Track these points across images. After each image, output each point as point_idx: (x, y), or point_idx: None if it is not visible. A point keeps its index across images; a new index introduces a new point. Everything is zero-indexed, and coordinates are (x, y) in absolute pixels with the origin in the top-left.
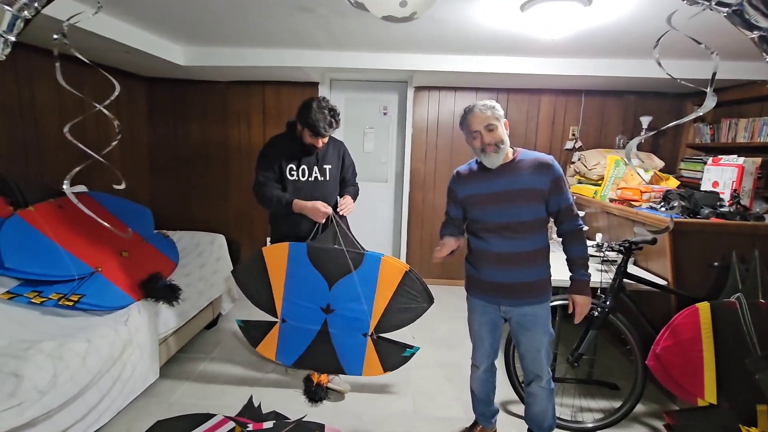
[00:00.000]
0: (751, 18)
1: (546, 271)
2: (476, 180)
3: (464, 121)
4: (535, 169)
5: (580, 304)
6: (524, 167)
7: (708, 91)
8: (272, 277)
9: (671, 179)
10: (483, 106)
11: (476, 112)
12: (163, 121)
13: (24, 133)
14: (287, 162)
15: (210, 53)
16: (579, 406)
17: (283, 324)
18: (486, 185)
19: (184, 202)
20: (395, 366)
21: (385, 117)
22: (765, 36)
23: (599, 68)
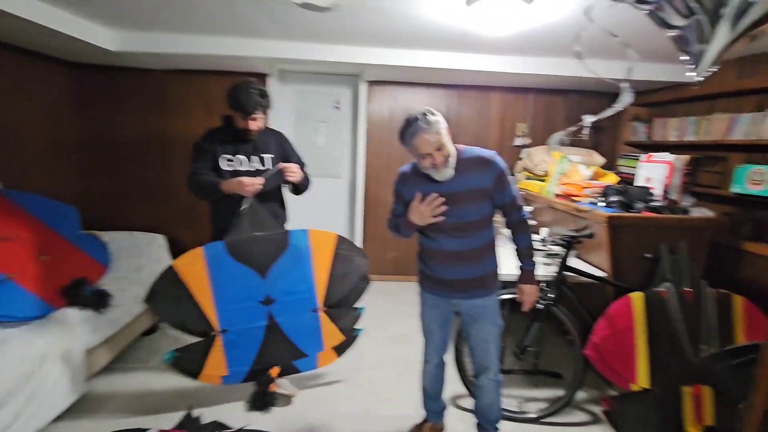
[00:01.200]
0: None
1: (493, 263)
2: (421, 182)
3: (409, 141)
4: (479, 168)
5: (528, 293)
6: (468, 167)
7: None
8: (195, 291)
9: (611, 175)
10: (428, 127)
11: (424, 137)
12: (94, 111)
13: None
14: (222, 151)
15: (144, 39)
16: (525, 396)
17: (226, 334)
18: (431, 188)
19: (121, 201)
20: (352, 326)
21: (337, 111)
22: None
23: (544, 67)
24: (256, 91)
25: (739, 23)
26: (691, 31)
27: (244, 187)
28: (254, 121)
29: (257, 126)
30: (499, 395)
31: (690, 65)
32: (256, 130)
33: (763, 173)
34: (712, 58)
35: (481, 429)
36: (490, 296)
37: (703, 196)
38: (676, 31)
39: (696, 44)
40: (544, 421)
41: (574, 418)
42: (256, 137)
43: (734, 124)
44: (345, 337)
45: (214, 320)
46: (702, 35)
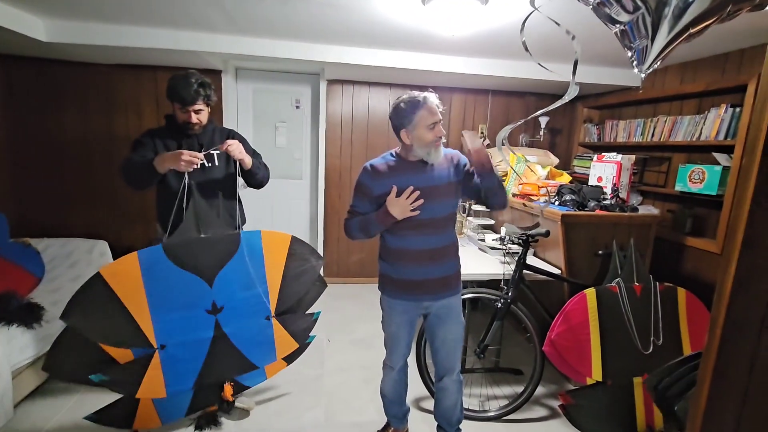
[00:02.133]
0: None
1: (458, 263)
2: (395, 175)
3: (415, 111)
4: (448, 162)
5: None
6: (441, 161)
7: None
8: (128, 302)
9: (565, 175)
10: (435, 96)
11: (432, 104)
12: (27, 108)
13: None
14: (166, 148)
15: (81, 29)
16: (486, 395)
17: (164, 351)
18: (405, 180)
19: (60, 205)
20: (307, 333)
21: (297, 111)
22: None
23: (501, 69)
24: (197, 82)
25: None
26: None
27: (179, 161)
28: (195, 113)
29: (198, 119)
30: (461, 396)
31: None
32: (198, 124)
33: (703, 172)
34: (655, 54)
35: (443, 431)
36: (455, 296)
37: (650, 194)
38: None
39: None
40: (506, 419)
41: (533, 414)
42: (200, 132)
43: (676, 126)
44: (299, 344)
45: (150, 333)
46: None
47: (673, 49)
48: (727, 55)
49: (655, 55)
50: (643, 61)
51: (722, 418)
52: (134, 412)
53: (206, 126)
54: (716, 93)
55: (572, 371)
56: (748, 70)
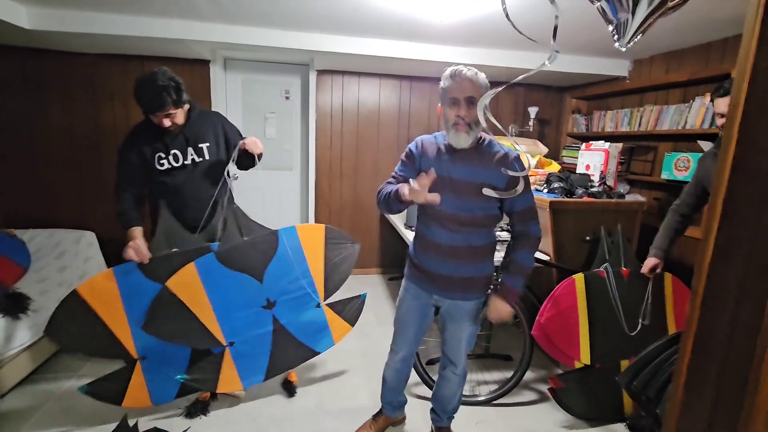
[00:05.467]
0: None
1: (486, 267)
2: (438, 158)
3: (445, 82)
4: (497, 164)
5: (501, 310)
6: (486, 158)
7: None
8: (194, 306)
9: (554, 164)
10: (472, 75)
11: (464, 78)
12: (10, 98)
13: None
14: (153, 151)
15: (66, 17)
16: (477, 380)
17: (233, 347)
18: (445, 167)
19: (47, 196)
20: (357, 315)
21: (287, 101)
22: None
23: (490, 58)
24: (162, 85)
25: None
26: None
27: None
28: (167, 118)
29: (172, 122)
30: (461, 388)
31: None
32: (172, 127)
33: (688, 160)
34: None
35: (435, 415)
36: (472, 302)
37: (637, 183)
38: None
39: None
40: (495, 403)
41: (523, 398)
42: (184, 125)
43: (662, 115)
44: (351, 327)
45: (218, 332)
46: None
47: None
48: (710, 44)
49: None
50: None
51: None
52: (125, 388)
53: (189, 116)
54: (701, 82)
55: (561, 355)
56: (731, 59)
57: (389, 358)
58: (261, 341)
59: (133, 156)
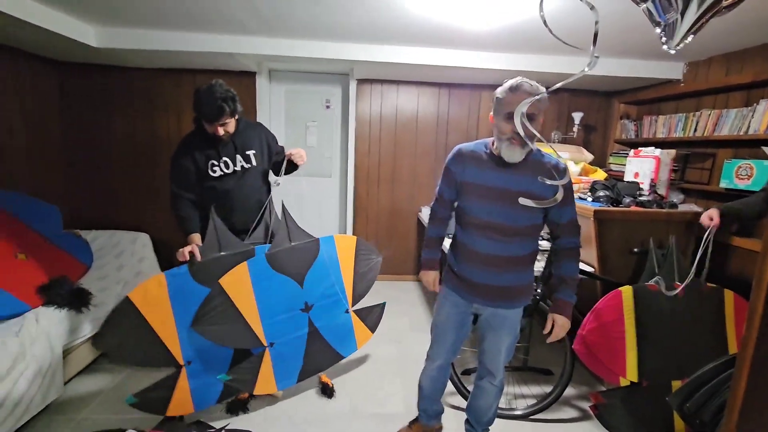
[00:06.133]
0: None
1: (527, 276)
2: (480, 167)
3: (503, 93)
4: (544, 175)
5: (560, 325)
6: (534, 169)
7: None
8: (241, 306)
9: (599, 171)
10: (533, 88)
11: (524, 93)
12: (80, 111)
13: None
14: (206, 159)
15: (128, 35)
16: (514, 393)
17: (273, 348)
18: (489, 176)
19: (108, 201)
20: (377, 323)
21: (327, 110)
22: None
23: (532, 63)
24: (221, 96)
25: None
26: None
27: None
28: (222, 126)
29: (225, 131)
30: (498, 400)
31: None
32: (224, 135)
33: (751, 168)
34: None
35: (470, 426)
36: (513, 309)
37: (692, 192)
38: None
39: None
40: (533, 418)
41: (563, 415)
42: (235, 136)
43: (721, 120)
44: (372, 333)
45: (261, 333)
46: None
47: (705, 23)
48: None
49: (686, 30)
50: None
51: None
52: (170, 397)
53: (237, 125)
54: (766, 84)
55: (604, 370)
56: None
57: (426, 366)
58: (297, 343)
59: (188, 164)
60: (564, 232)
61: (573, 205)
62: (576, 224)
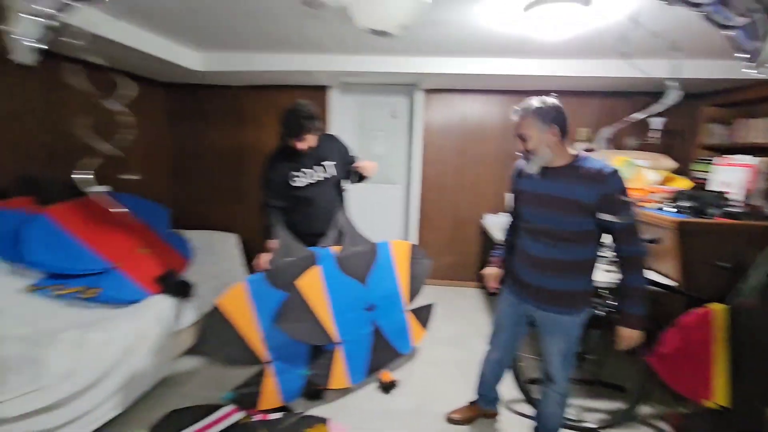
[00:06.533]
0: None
1: (579, 283)
2: (529, 176)
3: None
4: (588, 180)
5: (626, 337)
6: (577, 175)
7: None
8: (315, 305)
9: (683, 180)
10: (517, 111)
11: (513, 118)
12: (182, 125)
13: (49, 136)
14: (290, 171)
15: (225, 59)
16: (584, 406)
17: (343, 345)
18: (534, 184)
19: (203, 203)
20: (429, 321)
21: (395, 120)
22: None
23: (607, 69)
24: (304, 115)
25: None
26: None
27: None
28: (302, 142)
29: (305, 146)
30: (562, 409)
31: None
32: (306, 149)
33: None
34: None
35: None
36: (568, 315)
37: None
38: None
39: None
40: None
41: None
42: (315, 149)
43: None
44: (425, 331)
45: (333, 332)
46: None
47: None
48: None
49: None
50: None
51: None
52: (260, 392)
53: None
54: None
55: (687, 389)
56: None
57: (487, 353)
58: (363, 341)
59: (276, 176)
60: (619, 239)
61: (629, 211)
62: (633, 231)
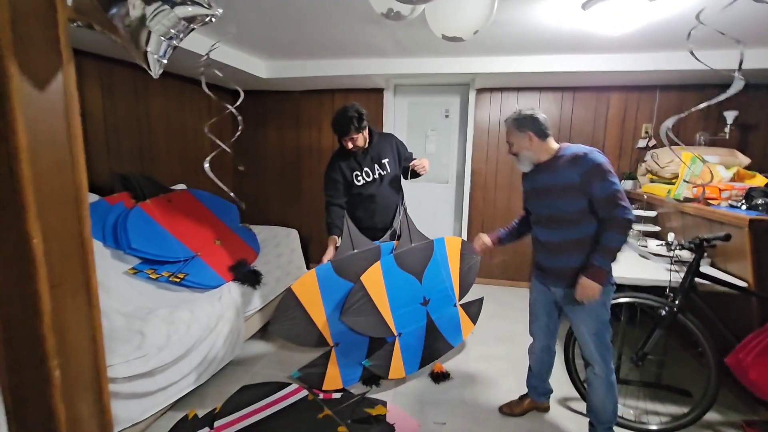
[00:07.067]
0: None
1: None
2: (529, 177)
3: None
4: (570, 164)
5: (586, 287)
6: (561, 163)
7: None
8: (378, 302)
9: (758, 177)
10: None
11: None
12: (246, 128)
13: (140, 139)
14: (351, 171)
15: (288, 66)
16: (645, 409)
17: (401, 338)
18: (532, 182)
19: (263, 201)
20: (478, 315)
21: (446, 119)
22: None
23: (673, 62)
24: (349, 115)
25: None
26: None
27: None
28: (351, 141)
29: (354, 145)
30: (612, 396)
31: None
32: (355, 148)
33: None
34: None
35: (592, 428)
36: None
37: None
38: None
39: None
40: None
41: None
42: (370, 146)
43: None
44: (474, 325)
45: (392, 325)
46: None
47: None
48: None
49: None
50: None
51: None
52: (324, 373)
53: (372, 138)
54: None
55: None
56: None
57: (530, 345)
58: (419, 333)
59: (338, 176)
60: (602, 206)
61: (605, 182)
62: (614, 198)
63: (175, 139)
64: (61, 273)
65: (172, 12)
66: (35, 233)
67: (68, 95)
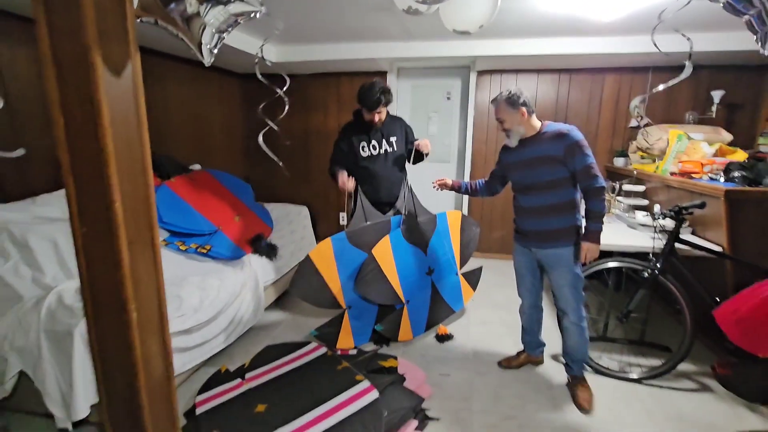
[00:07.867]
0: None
1: (568, 220)
2: (513, 151)
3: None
4: (553, 139)
5: (588, 249)
6: (545, 138)
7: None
8: (388, 273)
9: (739, 152)
10: (493, 101)
11: (492, 105)
12: (254, 111)
13: (157, 122)
14: (358, 141)
15: (296, 50)
16: (628, 362)
17: (409, 305)
18: (516, 154)
19: (272, 181)
20: (477, 283)
21: (448, 101)
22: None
23: (665, 44)
24: (379, 90)
25: None
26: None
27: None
28: (378, 114)
29: (379, 118)
30: (583, 338)
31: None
32: (379, 122)
33: None
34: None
35: (568, 368)
36: (564, 247)
37: None
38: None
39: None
40: (647, 383)
41: (679, 385)
42: (382, 125)
43: None
44: (474, 291)
45: (401, 293)
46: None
47: None
48: None
49: None
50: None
51: None
52: (338, 332)
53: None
54: None
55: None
56: None
57: (520, 305)
58: (424, 300)
59: (344, 145)
60: (581, 177)
61: (583, 156)
62: (589, 170)
63: (188, 122)
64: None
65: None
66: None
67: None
